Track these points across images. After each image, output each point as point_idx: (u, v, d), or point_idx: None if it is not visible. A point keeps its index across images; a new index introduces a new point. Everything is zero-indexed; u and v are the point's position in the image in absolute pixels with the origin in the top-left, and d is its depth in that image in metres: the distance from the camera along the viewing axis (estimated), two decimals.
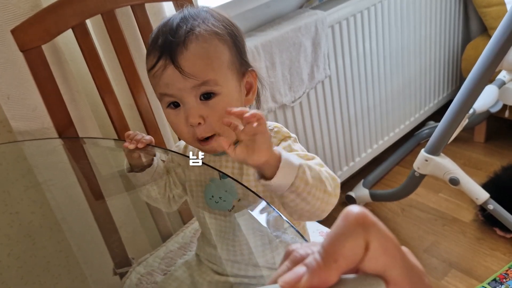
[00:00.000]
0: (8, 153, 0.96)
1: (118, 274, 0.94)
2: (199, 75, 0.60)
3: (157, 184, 0.78)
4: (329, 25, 1.37)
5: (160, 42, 0.62)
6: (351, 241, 0.22)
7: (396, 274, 0.23)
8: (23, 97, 0.85)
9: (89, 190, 0.94)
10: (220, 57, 0.63)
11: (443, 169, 1.35)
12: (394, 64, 1.69)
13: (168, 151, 0.84)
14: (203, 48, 0.61)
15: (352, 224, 0.23)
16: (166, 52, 0.61)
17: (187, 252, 0.92)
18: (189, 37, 0.60)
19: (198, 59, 0.61)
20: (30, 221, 1.03)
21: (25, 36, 0.77)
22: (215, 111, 0.62)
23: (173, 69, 0.60)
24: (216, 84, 0.62)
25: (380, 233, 0.23)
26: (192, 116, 0.62)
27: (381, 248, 0.23)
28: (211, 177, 0.70)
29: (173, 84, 0.61)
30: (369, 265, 0.23)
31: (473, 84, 1.19)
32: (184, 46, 0.60)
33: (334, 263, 0.23)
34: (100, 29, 0.92)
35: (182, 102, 0.63)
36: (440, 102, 2.02)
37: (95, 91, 0.93)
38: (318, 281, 0.23)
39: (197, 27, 0.61)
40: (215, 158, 0.71)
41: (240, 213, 0.71)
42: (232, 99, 0.65)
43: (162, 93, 0.64)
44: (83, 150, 0.91)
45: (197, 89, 0.61)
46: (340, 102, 1.54)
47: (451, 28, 1.91)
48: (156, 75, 0.62)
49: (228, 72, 0.64)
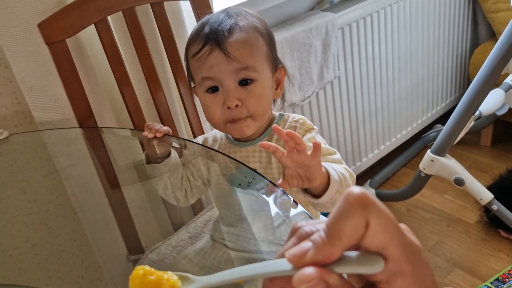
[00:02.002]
0: (28, 142, 1.00)
1: (131, 261, 0.98)
2: (242, 59, 0.67)
3: (175, 177, 0.82)
4: (339, 27, 1.40)
5: (206, 30, 0.69)
6: (352, 220, 0.24)
7: (394, 251, 0.25)
8: (46, 88, 0.89)
9: (105, 179, 0.98)
10: (259, 48, 0.70)
11: (449, 170, 1.37)
12: (402, 66, 1.72)
13: (189, 142, 0.87)
14: (245, 37, 0.68)
15: (353, 204, 0.24)
16: (212, 38, 0.67)
17: (198, 241, 0.96)
18: (233, 28, 0.68)
19: (241, 45, 0.67)
20: (47, 210, 1.07)
21: (51, 30, 0.82)
22: (251, 96, 0.68)
23: (219, 52, 0.67)
24: (255, 70, 0.68)
25: (379, 212, 0.25)
26: (231, 98, 0.68)
27: (380, 226, 0.24)
28: (237, 166, 0.74)
29: (217, 66, 0.67)
30: (369, 242, 0.25)
31: (479, 86, 1.21)
32: (229, 34, 0.67)
33: (337, 240, 0.25)
34: (120, 26, 0.95)
35: (221, 85, 0.69)
36: (447, 105, 2.04)
37: (112, 86, 0.97)
38: (323, 256, 0.25)
39: (240, 21, 0.69)
40: (241, 148, 0.76)
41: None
42: (267, 88, 0.71)
43: (204, 77, 0.69)
44: (101, 140, 0.95)
45: (237, 73, 0.67)
46: (349, 102, 1.57)
47: (460, 32, 1.93)
48: (200, 59, 0.68)
49: (264, 62, 0.70)
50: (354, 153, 1.69)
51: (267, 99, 0.72)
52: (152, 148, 0.81)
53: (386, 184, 1.82)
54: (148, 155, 0.81)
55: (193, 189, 0.83)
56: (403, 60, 1.71)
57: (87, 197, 1.04)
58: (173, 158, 0.80)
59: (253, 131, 0.72)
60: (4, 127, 0.95)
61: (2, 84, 0.94)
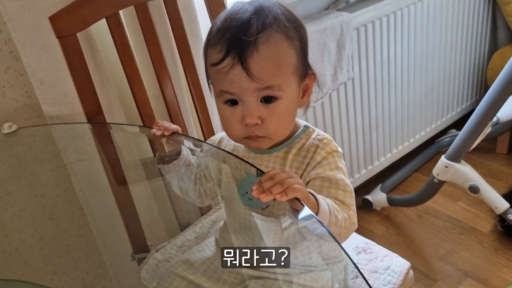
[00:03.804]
0: (37, 136, 0.99)
1: (136, 260, 0.97)
2: (266, 79, 0.60)
3: (188, 177, 0.79)
4: (355, 27, 1.38)
5: (228, 36, 0.60)
6: None
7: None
8: (56, 82, 0.89)
9: (112, 175, 0.97)
10: (288, 62, 0.62)
11: (463, 177, 1.34)
12: (418, 69, 1.68)
13: (199, 141, 0.85)
14: (273, 51, 0.60)
15: None
16: (235, 50, 0.59)
17: (204, 241, 0.94)
18: (260, 38, 0.59)
19: (267, 62, 0.59)
20: (54, 204, 1.07)
21: (62, 23, 0.81)
22: (273, 114, 0.63)
23: (241, 69, 0.59)
24: (280, 89, 0.61)
25: None
26: (251, 116, 0.62)
27: None
28: (248, 172, 0.70)
29: (238, 83, 0.60)
30: None
31: (498, 91, 1.18)
32: (254, 47, 0.59)
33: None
34: (132, 21, 0.94)
35: (241, 101, 0.63)
36: (463, 110, 2.00)
37: (122, 82, 0.96)
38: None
39: (269, 26, 0.60)
40: (255, 155, 0.72)
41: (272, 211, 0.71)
42: (291, 104, 0.65)
43: (223, 90, 0.63)
44: (110, 136, 0.94)
45: (260, 91, 0.61)
46: (362, 104, 1.54)
47: (478, 36, 1.89)
48: (221, 72, 0.61)
49: (292, 77, 0.63)
50: (365, 156, 1.66)
51: (290, 116, 0.66)
52: (161, 146, 0.79)
53: (397, 189, 1.79)
54: (160, 155, 0.80)
55: (207, 191, 0.80)
56: (419, 63, 1.68)
57: (94, 193, 1.03)
58: (184, 157, 0.78)
59: (270, 146, 0.68)
60: (14, 120, 0.95)
61: (13, 77, 0.93)
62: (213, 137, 0.82)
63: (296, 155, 0.68)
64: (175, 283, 0.76)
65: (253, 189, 0.53)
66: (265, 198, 0.52)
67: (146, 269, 0.91)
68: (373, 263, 0.86)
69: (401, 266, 0.85)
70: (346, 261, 0.51)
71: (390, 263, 0.86)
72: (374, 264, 0.86)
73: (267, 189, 0.53)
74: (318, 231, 0.53)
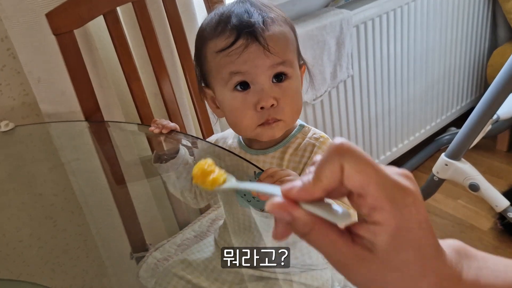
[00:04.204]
0: (34, 134, 0.98)
1: (135, 259, 0.96)
2: (280, 53, 0.61)
3: (184, 178, 0.78)
4: (354, 24, 1.37)
5: (235, 21, 0.61)
6: (329, 165, 0.29)
7: (372, 189, 0.28)
8: (53, 80, 0.88)
9: (111, 174, 0.96)
10: (293, 41, 0.64)
11: (463, 174, 1.33)
12: (417, 67, 1.68)
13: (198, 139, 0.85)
14: (280, 30, 0.62)
15: (331, 152, 0.29)
16: (247, 31, 0.60)
17: (203, 241, 0.94)
18: (266, 20, 0.61)
19: (279, 38, 0.61)
20: (52, 203, 1.06)
21: (59, 20, 0.80)
22: (287, 95, 0.62)
23: (257, 46, 0.60)
24: (291, 66, 0.63)
25: (353, 157, 0.28)
26: (266, 97, 0.61)
27: (353, 169, 0.28)
28: (247, 175, 0.69)
29: (252, 61, 0.60)
30: (347, 184, 0.28)
31: (498, 89, 1.17)
32: (265, 26, 0.61)
33: (318, 182, 0.29)
34: (130, 18, 0.94)
35: (253, 82, 0.62)
36: (463, 108, 1.99)
37: (120, 79, 0.95)
38: (305, 193, 0.30)
39: (269, 13, 0.63)
40: (251, 156, 0.70)
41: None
42: (299, 85, 0.65)
43: (234, 71, 0.61)
44: (108, 134, 0.93)
45: (273, 68, 0.61)
46: (361, 102, 1.54)
47: (478, 33, 1.88)
48: (232, 54, 0.61)
49: (296, 58, 0.65)
50: None
51: (300, 99, 0.66)
52: (159, 144, 0.78)
53: None
54: (157, 154, 0.79)
55: (202, 192, 0.79)
56: (419, 61, 1.67)
57: (92, 192, 1.03)
58: (182, 157, 0.77)
59: (282, 133, 0.66)
60: (11, 118, 0.94)
61: (10, 75, 0.93)
62: (208, 139, 0.81)
63: (293, 155, 0.68)
64: (173, 282, 0.76)
65: None
66: (264, 197, 0.51)
67: (145, 268, 0.90)
68: None
69: None
70: None
71: None
72: None
73: None
74: None
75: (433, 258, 0.30)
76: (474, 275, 0.31)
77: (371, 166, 0.28)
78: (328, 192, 0.29)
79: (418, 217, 0.29)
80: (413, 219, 0.29)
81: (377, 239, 0.29)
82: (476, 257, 0.32)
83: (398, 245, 0.29)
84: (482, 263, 0.32)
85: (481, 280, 0.31)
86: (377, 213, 0.28)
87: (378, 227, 0.28)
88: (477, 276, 0.31)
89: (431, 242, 0.30)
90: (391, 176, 0.29)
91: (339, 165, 0.28)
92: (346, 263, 0.30)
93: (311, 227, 0.30)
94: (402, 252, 0.29)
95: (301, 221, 0.29)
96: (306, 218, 0.29)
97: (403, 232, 0.28)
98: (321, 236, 0.30)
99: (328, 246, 0.30)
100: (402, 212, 0.28)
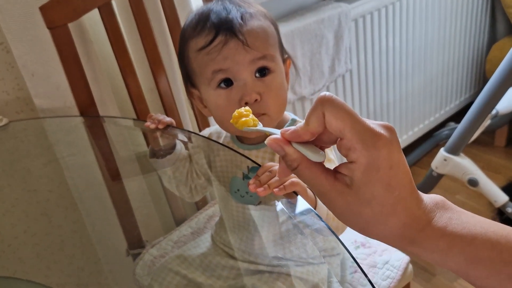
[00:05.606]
0: (29, 130, 0.97)
1: (131, 255, 0.95)
2: (260, 48, 0.61)
3: (180, 172, 0.78)
4: (353, 18, 1.36)
5: (213, 19, 0.61)
6: (314, 113, 0.34)
7: (348, 133, 0.33)
8: (47, 75, 0.87)
9: (106, 170, 0.95)
10: (274, 36, 0.64)
11: (462, 170, 1.33)
12: (416, 61, 1.67)
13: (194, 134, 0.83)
14: (260, 24, 0.62)
15: (316, 102, 0.34)
16: (226, 27, 0.60)
17: (200, 237, 0.93)
18: (244, 15, 0.61)
19: (258, 33, 0.61)
20: (47, 200, 1.05)
21: (53, 14, 0.78)
22: (271, 89, 0.62)
23: (236, 42, 0.60)
24: (273, 60, 0.63)
25: (333, 105, 0.33)
26: (249, 93, 0.61)
27: (332, 115, 0.33)
28: (240, 170, 0.68)
29: (233, 57, 0.60)
30: (329, 128, 0.34)
31: (498, 83, 1.16)
32: (243, 21, 0.61)
33: (306, 126, 0.35)
34: (125, 11, 0.92)
35: (236, 78, 0.62)
36: (461, 103, 1.99)
37: (116, 74, 0.94)
38: (296, 134, 0.36)
39: (248, 8, 0.63)
40: (244, 151, 0.70)
41: (266, 206, 0.70)
42: (283, 79, 0.65)
43: (216, 69, 0.61)
44: (103, 129, 0.92)
45: (254, 63, 0.61)
46: (360, 97, 1.53)
47: (477, 27, 1.87)
48: (212, 51, 0.61)
49: (278, 52, 0.64)
50: None
51: (285, 92, 0.66)
52: (155, 140, 0.77)
53: None
54: (153, 149, 0.78)
55: (197, 187, 0.79)
56: (418, 55, 1.66)
57: (88, 188, 1.01)
58: (178, 152, 0.76)
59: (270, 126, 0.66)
60: (5, 113, 0.92)
61: (3, 69, 0.91)
62: (202, 132, 0.81)
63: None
64: (168, 278, 0.75)
65: (250, 183, 0.52)
66: (263, 192, 0.50)
67: (142, 265, 0.89)
68: (372, 258, 0.85)
69: (400, 260, 0.84)
70: (344, 255, 0.50)
71: (389, 258, 0.85)
72: (373, 259, 0.85)
73: (264, 183, 0.51)
74: (317, 226, 0.52)
75: (405, 199, 0.34)
76: (443, 223, 0.34)
77: (348, 113, 0.33)
78: (314, 135, 0.35)
79: (389, 159, 0.33)
80: (382, 159, 0.33)
81: (353, 175, 0.34)
82: (452, 210, 0.36)
83: (368, 181, 0.33)
84: (456, 216, 0.35)
85: (448, 228, 0.34)
86: (351, 153, 0.33)
87: (353, 164, 0.33)
88: (446, 224, 0.34)
89: (403, 184, 0.34)
90: (365, 123, 0.33)
91: (322, 112, 0.34)
92: (328, 195, 0.36)
93: (299, 162, 0.36)
94: (371, 187, 0.33)
95: (291, 156, 0.36)
96: (295, 154, 0.36)
97: (372, 170, 0.33)
98: (307, 170, 0.36)
99: (313, 180, 0.36)
100: (371, 152, 0.32)
